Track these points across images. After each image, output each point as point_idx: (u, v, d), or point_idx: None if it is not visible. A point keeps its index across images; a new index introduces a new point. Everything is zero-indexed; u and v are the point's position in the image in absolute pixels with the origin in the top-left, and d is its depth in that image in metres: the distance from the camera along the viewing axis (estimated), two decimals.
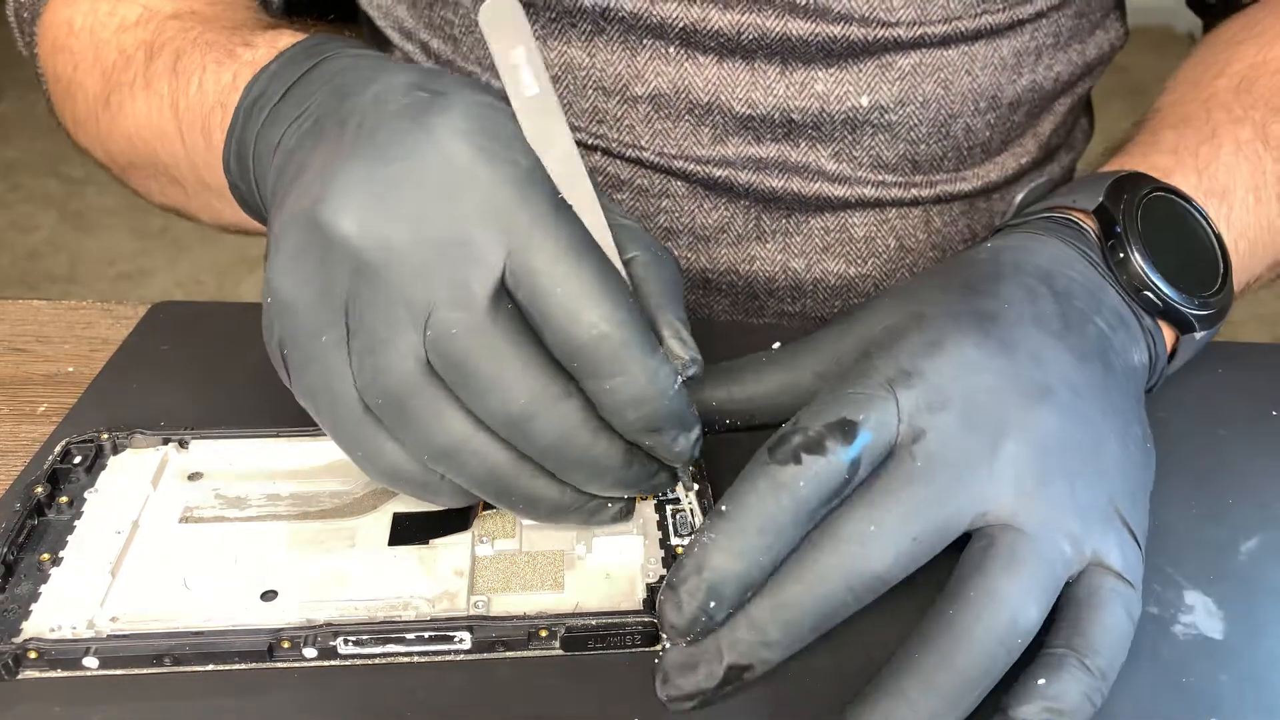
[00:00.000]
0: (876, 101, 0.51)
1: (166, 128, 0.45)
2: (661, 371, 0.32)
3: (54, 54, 0.52)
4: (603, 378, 0.31)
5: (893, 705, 0.29)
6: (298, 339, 0.33)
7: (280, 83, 0.38)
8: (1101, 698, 0.31)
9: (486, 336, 0.31)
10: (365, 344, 0.31)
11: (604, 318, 0.31)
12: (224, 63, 0.42)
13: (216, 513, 0.37)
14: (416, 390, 0.31)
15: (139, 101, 0.46)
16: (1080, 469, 0.34)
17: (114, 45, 0.48)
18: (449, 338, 0.31)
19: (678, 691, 0.31)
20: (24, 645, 0.32)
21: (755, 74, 0.50)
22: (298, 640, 0.32)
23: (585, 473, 0.33)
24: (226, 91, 0.40)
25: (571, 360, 0.31)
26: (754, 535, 0.31)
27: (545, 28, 0.50)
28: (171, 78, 0.44)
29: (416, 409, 0.32)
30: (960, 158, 0.55)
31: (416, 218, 0.31)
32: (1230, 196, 0.45)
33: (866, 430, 0.32)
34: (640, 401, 0.32)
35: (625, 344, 0.31)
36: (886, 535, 0.31)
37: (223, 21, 0.47)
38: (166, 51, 0.46)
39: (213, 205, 0.48)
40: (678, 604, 0.31)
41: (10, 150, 2.37)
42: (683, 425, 0.33)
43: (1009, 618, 0.30)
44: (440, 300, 0.31)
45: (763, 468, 0.32)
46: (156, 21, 0.48)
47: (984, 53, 0.52)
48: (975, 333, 0.35)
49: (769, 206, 0.54)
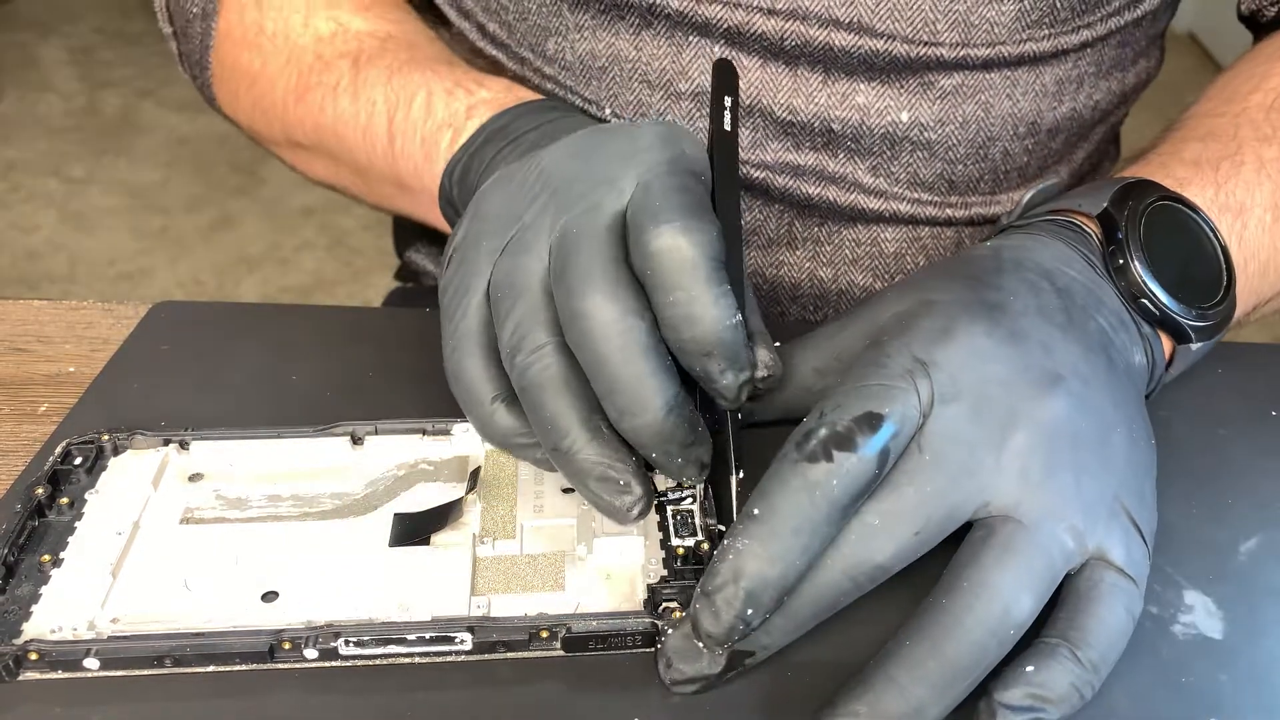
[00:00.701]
0: (916, 118, 0.51)
1: (375, 131, 0.51)
2: (723, 300, 0.33)
3: (241, 49, 0.58)
4: (667, 290, 0.33)
5: (882, 692, 0.30)
6: (466, 243, 0.38)
7: (526, 122, 0.45)
8: (1092, 690, 0.31)
9: (591, 240, 0.34)
10: (514, 248, 0.36)
11: (683, 230, 0.33)
12: (455, 93, 0.49)
13: (217, 514, 0.37)
14: (528, 286, 0.35)
15: (343, 103, 0.53)
16: (1087, 462, 0.34)
17: (310, 51, 0.55)
18: (565, 236, 0.35)
19: (680, 676, 0.32)
20: (25, 647, 0.32)
21: (797, 80, 0.50)
22: (299, 641, 0.32)
23: (626, 398, 0.33)
24: (459, 119, 0.47)
25: (645, 269, 0.33)
26: (789, 538, 0.30)
27: (595, 18, 0.51)
28: (387, 89, 0.51)
29: (515, 300, 0.35)
30: (996, 181, 0.55)
31: (593, 165, 0.37)
32: (1246, 214, 0.44)
33: (891, 423, 0.32)
34: (695, 320, 0.33)
35: (694, 263, 0.33)
36: (890, 528, 0.32)
37: (426, 51, 0.54)
38: (377, 65, 0.52)
39: (390, 195, 0.55)
40: (715, 613, 0.30)
41: (10, 150, 2.36)
42: (733, 361, 0.33)
43: (1001, 608, 0.31)
44: (577, 209, 0.36)
45: (793, 466, 0.31)
46: (356, 37, 0.55)
47: (1026, 78, 0.52)
48: (985, 321, 0.35)
49: (803, 213, 0.54)
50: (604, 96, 0.53)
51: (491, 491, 0.38)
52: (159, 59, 2.68)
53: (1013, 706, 0.30)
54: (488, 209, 0.39)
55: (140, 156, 2.37)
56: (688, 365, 0.34)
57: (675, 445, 0.34)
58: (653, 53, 0.51)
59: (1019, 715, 0.30)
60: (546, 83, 0.54)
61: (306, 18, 0.56)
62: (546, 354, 0.34)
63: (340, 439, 0.40)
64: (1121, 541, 0.33)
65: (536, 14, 0.53)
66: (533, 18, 0.53)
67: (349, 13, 0.56)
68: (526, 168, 0.39)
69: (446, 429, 0.40)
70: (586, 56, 0.52)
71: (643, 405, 0.33)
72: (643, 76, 0.52)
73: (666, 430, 0.34)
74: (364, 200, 0.59)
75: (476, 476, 0.38)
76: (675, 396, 0.34)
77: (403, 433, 0.41)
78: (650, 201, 0.34)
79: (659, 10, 0.50)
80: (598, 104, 0.53)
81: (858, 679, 0.30)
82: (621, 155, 0.36)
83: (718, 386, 0.34)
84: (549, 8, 0.52)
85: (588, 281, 0.34)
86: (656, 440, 0.34)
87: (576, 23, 0.52)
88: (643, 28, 0.51)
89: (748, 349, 0.34)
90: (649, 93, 0.52)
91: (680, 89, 0.52)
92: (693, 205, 0.34)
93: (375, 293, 1.98)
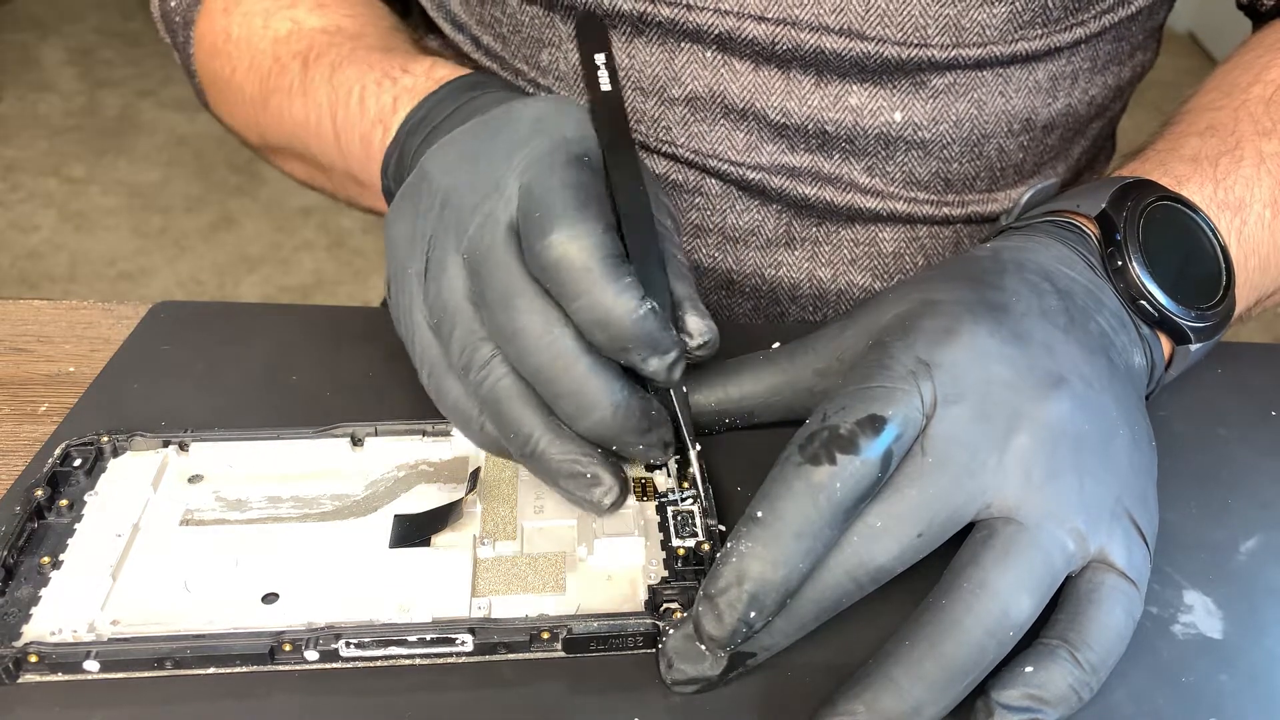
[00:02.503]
0: (910, 118, 0.51)
1: (324, 131, 0.51)
2: (625, 294, 0.34)
3: (213, 57, 0.59)
4: (569, 298, 0.34)
5: (880, 691, 0.30)
6: (395, 272, 0.39)
7: (442, 108, 0.44)
8: (1090, 692, 0.31)
9: (502, 253, 0.35)
10: (433, 270, 0.37)
11: (568, 238, 0.34)
12: (383, 84, 0.48)
13: (217, 515, 0.37)
14: (457, 306, 0.36)
15: (296, 106, 0.53)
16: (1090, 464, 0.34)
17: (269, 54, 0.55)
18: (472, 257, 0.36)
19: (681, 676, 0.32)
20: (24, 649, 0.32)
21: (790, 83, 0.50)
22: (299, 643, 0.32)
23: (572, 404, 0.35)
24: (387, 113, 0.47)
25: (544, 282, 0.34)
26: (791, 541, 0.30)
27: None
28: (329, 88, 0.51)
29: (451, 323, 0.36)
30: (993, 178, 0.55)
31: (479, 170, 0.38)
32: (1245, 210, 0.44)
33: (895, 425, 0.32)
34: (604, 324, 0.34)
35: (585, 267, 0.33)
36: (892, 530, 0.32)
37: (370, 39, 0.54)
38: (322, 64, 0.52)
39: (354, 193, 0.55)
40: (718, 616, 0.30)
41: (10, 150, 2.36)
42: (653, 347, 0.34)
43: (1000, 610, 0.31)
44: (475, 225, 0.36)
45: (795, 468, 0.31)
46: (308, 35, 0.55)
47: (1019, 75, 0.51)
48: (989, 321, 0.35)
49: (801, 213, 0.54)
50: None
51: (492, 492, 0.38)
52: (159, 59, 2.68)
53: (1010, 706, 0.30)
54: (396, 233, 0.40)
55: (140, 156, 2.37)
56: (614, 359, 0.35)
57: (632, 434, 0.36)
58: (645, 60, 0.51)
59: (1016, 715, 0.30)
60: (541, 93, 0.54)
61: (266, 20, 0.56)
62: (495, 367, 0.36)
63: (340, 440, 0.40)
64: (1123, 544, 0.33)
65: (530, 26, 0.53)
66: (526, 30, 0.53)
67: (306, 10, 0.56)
68: (418, 181, 0.40)
69: (446, 430, 0.40)
70: (580, 66, 0.52)
71: (590, 406, 0.35)
72: (636, 84, 0.52)
73: (618, 424, 0.35)
74: (340, 200, 0.60)
75: (476, 477, 0.38)
76: (620, 390, 0.35)
77: (403, 434, 0.41)
78: (533, 210, 0.35)
79: (650, 19, 0.50)
80: None
81: (856, 678, 0.31)
82: (503, 153, 0.37)
83: (646, 373, 0.35)
84: (542, 19, 0.52)
85: (505, 302, 0.35)
86: (613, 435, 0.36)
87: (568, 33, 0.52)
88: (634, 36, 0.51)
89: (667, 330, 0.35)
90: (642, 99, 0.52)
91: (673, 94, 0.52)
92: (576, 203, 0.34)
93: (375, 293, 1.98)
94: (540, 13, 0.52)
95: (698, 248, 0.55)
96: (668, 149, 0.53)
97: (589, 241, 0.34)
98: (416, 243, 0.38)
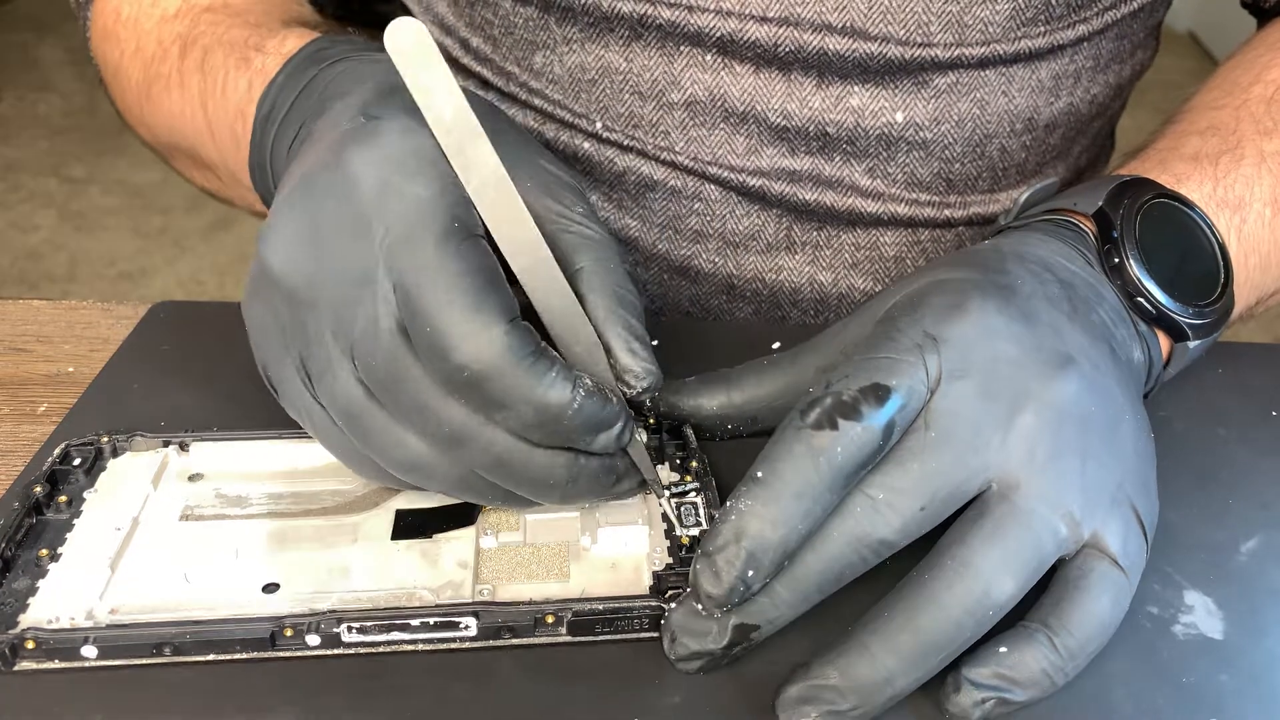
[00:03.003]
0: (912, 118, 0.51)
1: (199, 124, 0.47)
2: (551, 396, 0.31)
3: (104, 40, 0.54)
4: (492, 410, 0.31)
5: (855, 659, 0.30)
6: (269, 363, 0.35)
7: (286, 95, 0.40)
8: (1065, 677, 0.31)
9: (404, 365, 0.31)
10: (315, 369, 0.33)
11: (473, 358, 0.30)
12: (241, 68, 0.43)
13: (217, 511, 0.37)
14: (368, 411, 0.32)
15: (174, 97, 0.48)
16: (1094, 447, 0.34)
17: (154, 37, 0.50)
18: (370, 369, 0.32)
19: (685, 651, 0.32)
20: (21, 635, 0.31)
21: (791, 85, 0.50)
22: (301, 628, 0.32)
23: (530, 489, 0.33)
24: (244, 101, 0.42)
25: (459, 396, 0.31)
26: (791, 501, 0.30)
27: (584, 31, 0.50)
28: (200, 76, 0.46)
29: (373, 429, 0.33)
30: (995, 178, 0.55)
31: (333, 254, 0.32)
32: (1245, 209, 0.44)
33: (899, 395, 0.32)
34: (537, 426, 0.31)
35: (501, 376, 0.30)
36: (895, 504, 0.32)
37: (249, 16, 0.48)
38: (197, 48, 0.47)
39: (246, 197, 0.50)
40: (715, 573, 0.30)
41: (10, 150, 2.36)
42: (597, 428, 0.32)
43: (982, 590, 0.31)
44: (358, 334, 0.31)
45: (797, 432, 0.31)
46: (193, 15, 0.49)
47: (1022, 75, 0.51)
48: (997, 299, 0.35)
49: (801, 217, 0.54)
50: (594, 109, 0.52)
51: None
52: None
53: (978, 683, 0.30)
54: (257, 326, 0.35)
55: (140, 156, 2.37)
56: None
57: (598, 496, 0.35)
58: (644, 64, 0.50)
59: (982, 692, 0.30)
60: (534, 97, 0.53)
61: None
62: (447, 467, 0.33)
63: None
64: (1119, 531, 0.33)
65: (523, 28, 0.52)
66: (519, 32, 0.52)
67: None
68: (260, 274, 0.34)
69: None
70: (576, 69, 0.52)
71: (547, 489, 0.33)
72: (634, 88, 0.51)
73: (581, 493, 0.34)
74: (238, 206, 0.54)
75: None
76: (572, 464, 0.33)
77: None
78: (421, 324, 0.30)
79: (649, 21, 0.49)
80: (588, 117, 0.53)
81: (833, 645, 0.31)
82: (353, 235, 0.32)
83: (595, 451, 0.33)
84: (536, 21, 0.51)
85: (422, 415, 0.31)
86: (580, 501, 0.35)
87: (564, 35, 0.51)
88: (633, 39, 0.50)
89: (607, 402, 0.32)
90: (640, 104, 0.52)
91: (673, 99, 0.51)
92: (467, 304, 0.30)
93: None
94: (534, 14, 0.51)
95: (697, 253, 0.55)
96: (667, 156, 0.52)
97: (495, 349, 0.30)
98: (285, 342, 0.34)
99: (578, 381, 0.31)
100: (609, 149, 0.53)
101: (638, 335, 0.34)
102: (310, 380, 0.33)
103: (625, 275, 0.35)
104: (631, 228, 0.55)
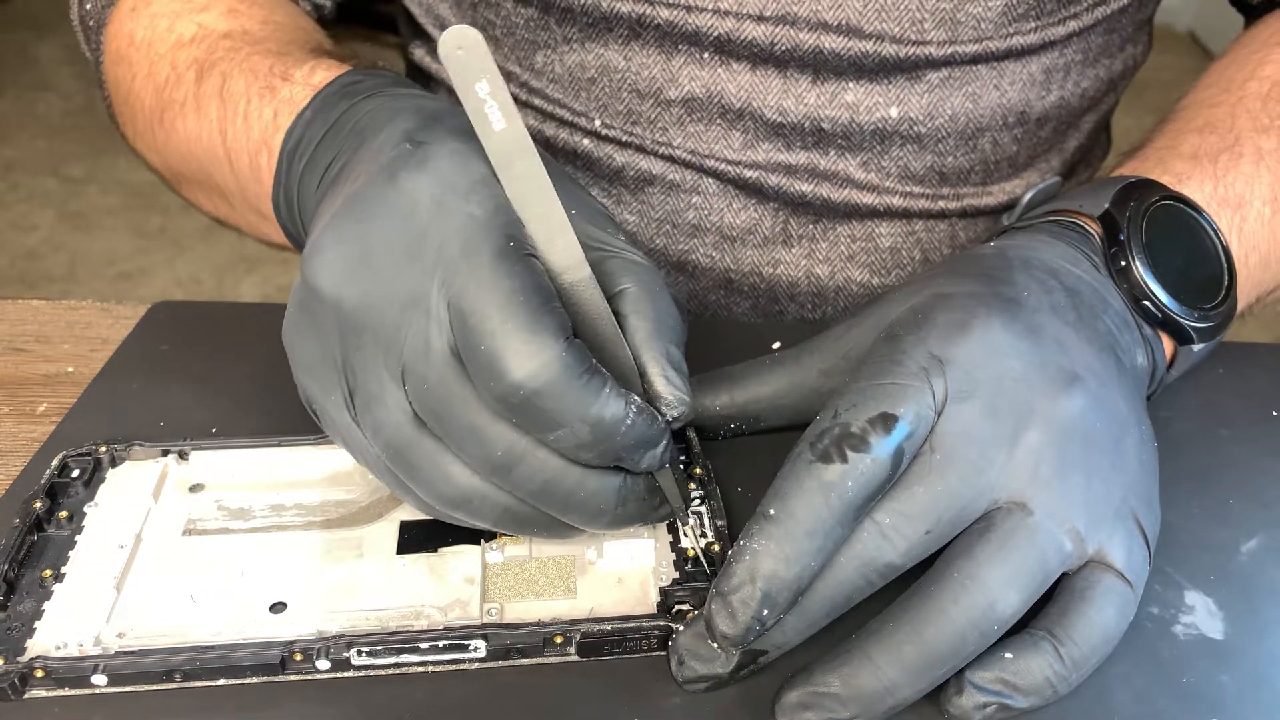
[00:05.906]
0: (905, 113, 0.51)
1: (216, 152, 0.46)
2: (606, 413, 0.30)
3: (116, 64, 0.53)
4: (544, 430, 0.30)
5: (858, 668, 0.30)
6: (315, 396, 0.34)
7: (315, 129, 0.39)
8: (1068, 686, 0.31)
9: (456, 387, 0.31)
10: (362, 401, 0.32)
11: (530, 376, 0.29)
12: (265, 96, 0.43)
13: (220, 524, 0.37)
14: (413, 442, 0.32)
15: (190, 122, 0.47)
16: (1099, 464, 0.34)
17: (168, 61, 0.49)
18: (422, 392, 0.31)
19: (692, 674, 0.32)
20: (30, 664, 0.31)
21: (787, 82, 0.50)
22: (310, 652, 0.32)
23: (580, 514, 0.33)
24: (269, 131, 0.42)
25: (511, 416, 0.30)
26: (804, 539, 0.30)
27: (583, 31, 0.51)
28: (219, 102, 0.45)
29: (418, 460, 0.32)
30: (987, 172, 0.55)
31: (386, 276, 0.31)
32: (1245, 207, 0.44)
33: (906, 423, 0.32)
34: (589, 446, 0.31)
35: (556, 398, 0.30)
36: (902, 529, 0.32)
37: (270, 44, 0.47)
38: (215, 73, 0.46)
39: (260, 228, 0.49)
40: (731, 614, 0.30)
41: (10, 150, 2.36)
42: (646, 445, 0.32)
43: (987, 603, 0.31)
44: (409, 355, 0.31)
45: (807, 466, 0.31)
46: (210, 40, 0.48)
47: (1014, 69, 0.51)
48: (1002, 314, 0.35)
49: (797, 210, 0.54)
50: (593, 107, 0.53)
51: None
52: None
53: (981, 687, 0.31)
54: (302, 355, 0.34)
55: None
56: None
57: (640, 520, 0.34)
58: (642, 62, 0.51)
59: (985, 695, 0.30)
60: (534, 97, 0.54)
61: (172, 23, 0.50)
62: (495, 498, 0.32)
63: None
64: (1124, 545, 0.33)
65: (524, 28, 0.52)
66: (520, 32, 0.53)
67: (217, 14, 0.50)
68: (307, 297, 0.33)
69: None
70: (575, 68, 0.52)
71: (595, 514, 0.33)
72: (632, 86, 0.52)
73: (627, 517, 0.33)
74: (250, 236, 0.53)
75: None
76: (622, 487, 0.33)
77: None
78: (475, 342, 0.30)
79: (648, 21, 0.49)
80: (588, 115, 0.53)
81: (836, 653, 0.31)
82: (407, 254, 0.31)
83: (639, 470, 0.33)
84: (536, 21, 0.52)
85: (476, 438, 0.31)
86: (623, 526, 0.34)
87: (564, 35, 0.51)
88: (631, 38, 0.50)
89: (654, 421, 0.32)
90: (639, 102, 0.52)
91: (670, 96, 0.51)
92: (523, 324, 0.30)
93: None
94: (535, 15, 0.51)
95: (695, 247, 0.55)
96: (664, 150, 0.53)
97: (553, 370, 0.29)
98: (330, 368, 0.33)
99: (629, 399, 0.31)
100: (608, 145, 0.54)
101: (674, 363, 0.33)
102: (355, 411, 0.32)
103: (669, 300, 0.34)
104: (630, 223, 0.56)
